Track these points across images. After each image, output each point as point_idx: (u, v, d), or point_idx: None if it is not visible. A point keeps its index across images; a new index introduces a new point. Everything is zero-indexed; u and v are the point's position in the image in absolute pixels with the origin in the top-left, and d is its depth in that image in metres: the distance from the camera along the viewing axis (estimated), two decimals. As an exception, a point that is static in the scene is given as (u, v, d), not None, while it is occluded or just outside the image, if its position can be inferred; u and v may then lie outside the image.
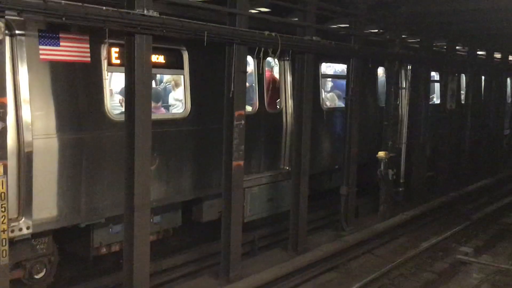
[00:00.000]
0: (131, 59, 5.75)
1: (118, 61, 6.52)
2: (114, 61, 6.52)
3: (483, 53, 15.63)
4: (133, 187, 5.84)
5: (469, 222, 11.32)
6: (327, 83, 11.30)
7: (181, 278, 7.68)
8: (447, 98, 13.40)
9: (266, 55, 7.41)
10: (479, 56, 15.40)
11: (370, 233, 9.67)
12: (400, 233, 10.34)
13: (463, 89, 15.02)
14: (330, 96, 11.22)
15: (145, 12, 5.63)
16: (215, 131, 7.55)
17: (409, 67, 11.56)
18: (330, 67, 11.44)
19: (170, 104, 8.36)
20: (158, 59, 6.97)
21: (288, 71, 9.27)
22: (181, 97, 7.91)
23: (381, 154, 10.42)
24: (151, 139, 5.99)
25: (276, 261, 8.02)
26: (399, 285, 8.02)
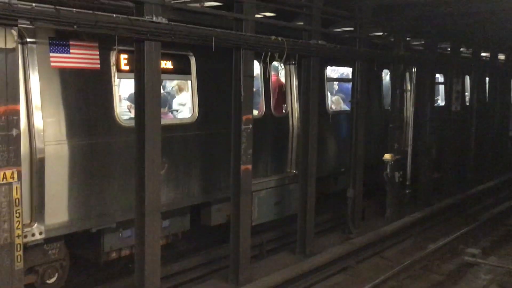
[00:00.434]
0: (141, 65, 5.82)
1: (127, 68, 6.61)
2: (123, 67, 6.61)
3: (487, 54, 15.66)
4: (144, 192, 5.89)
5: (476, 223, 11.33)
6: (332, 86, 11.36)
7: (190, 282, 7.73)
8: (452, 100, 13.43)
9: (272, 59, 7.48)
10: (483, 57, 15.43)
11: (377, 235, 9.69)
12: (407, 235, 10.37)
13: (468, 90, 15.06)
14: (335, 99, 11.29)
15: (154, 19, 5.71)
16: (223, 135, 7.61)
17: (413, 69, 11.61)
18: (335, 71, 11.51)
19: (176, 109, 8.43)
20: (166, 64, 7.05)
21: (294, 74, 9.33)
22: (186, 101, 7.99)
23: (387, 156, 10.44)
24: (161, 144, 6.06)
25: (284, 264, 8.05)
26: (408, 287, 8.04)
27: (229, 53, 7.00)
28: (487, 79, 15.99)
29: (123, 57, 6.57)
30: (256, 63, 8.08)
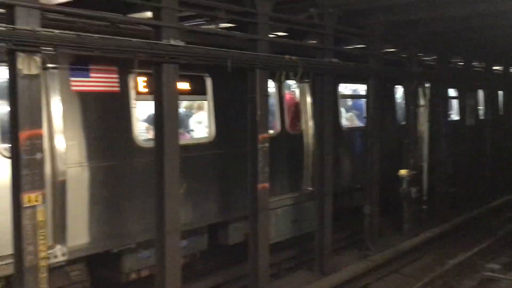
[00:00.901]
0: (159, 87, 5.93)
1: (145, 90, 6.73)
2: (142, 89, 6.73)
3: (500, 68, 15.63)
4: (164, 212, 5.95)
5: (495, 238, 11.20)
6: (346, 103, 11.41)
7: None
8: (466, 114, 13.39)
9: (286, 77, 7.56)
10: (495, 71, 15.41)
11: (395, 252, 9.61)
12: (426, 251, 10.27)
13: (481, 104, 15.01)
14: (349, 115, 11.33)
15: (172, 42, 5.83)
16: (239, 154, 7.67)
17: (427, 84, 11.62)
18: (347, 88, 11.57)
19: (192, 129, 8.52)
20: (183, 86, 7.15)
21: (308, 92, 9.40)
22: (203, 121, 8.07)
23: (402, 172, 10.40)
24: (179, 165, 6.13)
25: (302, 283, 8.01)
26: (429, 304, 7.97)
27: (243, 72, 7.10)
28: (500, 92, 15.94)
29: (142, 79, 6.69)
30: (270, 82, 8.17)
